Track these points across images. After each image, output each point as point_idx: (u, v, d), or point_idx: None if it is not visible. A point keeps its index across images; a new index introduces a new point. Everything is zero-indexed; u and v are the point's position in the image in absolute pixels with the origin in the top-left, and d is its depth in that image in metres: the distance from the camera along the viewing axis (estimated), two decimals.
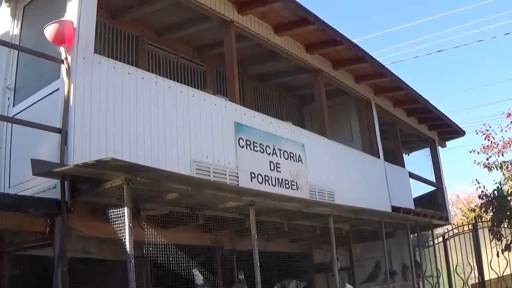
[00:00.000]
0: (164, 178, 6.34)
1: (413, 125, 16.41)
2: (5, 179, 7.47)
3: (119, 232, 5.85)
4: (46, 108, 6.93)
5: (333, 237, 9.21)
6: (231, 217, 8.15)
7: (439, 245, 18.07)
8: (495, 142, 16.89)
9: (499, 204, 15.57)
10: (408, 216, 13.04)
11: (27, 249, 7.31)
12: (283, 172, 9.50)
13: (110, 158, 5.42)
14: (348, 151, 12.26)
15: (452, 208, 28.54)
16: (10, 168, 7.43)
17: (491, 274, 18.07)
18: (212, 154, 8.21)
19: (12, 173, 7.36)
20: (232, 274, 9.12)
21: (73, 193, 6.48)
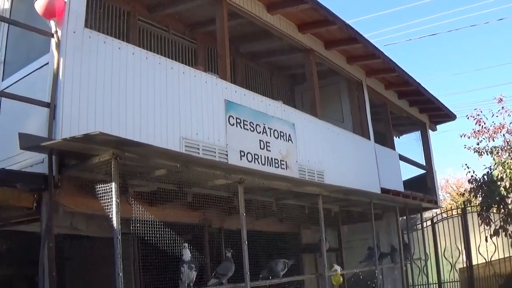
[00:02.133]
0: (153, 153, 6.28)
1: (404, 107, 16.39)
2: None
3: (106, 208, 5.82)
4: (35, 82, 6.87)
5: (321, 217, 9.20)
6: (219, 195, 8.14)
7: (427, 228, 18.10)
8: (486, 127, 16.91)
9: (488, 189, 15.58)
10: (397, 198, 13.05)
11: (14, 225, 7.28)
12: (273, 151, 9.47)
13: (98, 132, 5.36)
14: (338, 132, 12.22)
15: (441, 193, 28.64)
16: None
17: (479, 258, 18.15)
18: (201, 131, 8.16)
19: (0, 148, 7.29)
20: (219, 253, 9.13)
21: (61, 168, 6.45)
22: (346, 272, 11.21)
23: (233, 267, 7.59)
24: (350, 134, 12.94)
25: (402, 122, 18.00)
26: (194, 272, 6.97)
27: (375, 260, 11.14)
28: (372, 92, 14.30)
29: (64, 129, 6.26)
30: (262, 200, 9.05)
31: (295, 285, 10.09)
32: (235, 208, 7.98)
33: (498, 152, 16.33)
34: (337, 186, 9.67)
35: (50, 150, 6.16)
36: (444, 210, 20.37)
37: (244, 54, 13.22)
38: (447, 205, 26.95)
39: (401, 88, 15.29)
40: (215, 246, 9.32)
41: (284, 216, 10.49)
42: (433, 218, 19.44)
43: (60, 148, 5.97)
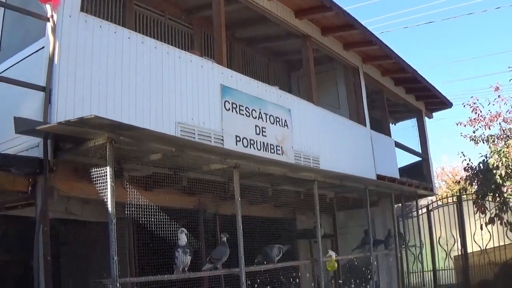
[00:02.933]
0: (148, 137, 6.28)
1: (400, 94, 16.36)
2: None
3: (101, 192, 5.82)
4: (31, 67, 6.84)
5: (317, 203, 9.21)
6: (215, 180, 8.13)
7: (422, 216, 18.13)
8: (482, 115, 16.92)
9: (484, 177, 15.59)
10: (393, 185, 13.06)
11: (9, 209, 7.26)
12: (269, 137, 9.46)
13: (93, 116, 5.36)
14: (334, 118, 12.21)
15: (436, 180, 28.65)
16: None
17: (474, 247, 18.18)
18: (197, 116, 8.14)
19: None
20: (215, 238, 9.13)
21: (56, 152, 6.46)
22: (341, 258, 11.22)
23: (228, 252, 7.61)
24: (346, 120, 12.92)
25: (398, 109, 17.99)
26: (189, 256, 6.97)
27: (370, 246, 11.16)
28: (368, 79, 14.28)
29: (59, 113, 6.24)
30: (257, 185, 9.04)
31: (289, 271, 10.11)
32: (231, 194, 7.98)
33: (494, 140, 16.36)
34: (333, 172, 9.68)
35: (45, 134, 6.16)
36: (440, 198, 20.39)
37: (241, 40, 13.18)
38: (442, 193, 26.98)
39: (397, 75, 15.26)
40: (210, 231, 9.33)
41: (279, 202, 10.50)
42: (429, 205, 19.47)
43: (55, 132, 5.97)
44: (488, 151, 16.08)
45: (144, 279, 6.76)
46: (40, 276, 6.32)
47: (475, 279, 17.38)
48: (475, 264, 17.55)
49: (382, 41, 12.96)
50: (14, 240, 9.21)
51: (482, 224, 16.11)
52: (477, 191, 16.01)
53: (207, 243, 8.92)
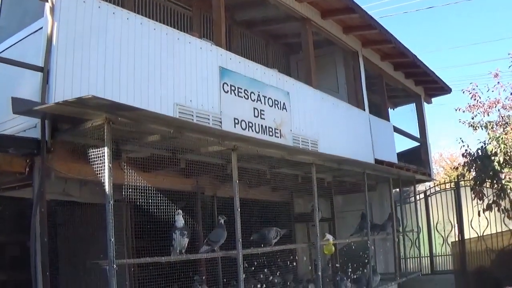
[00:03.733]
0: (146, 118, 6.24)
1: (399, 79, 16.32)
2: None
3: (98, 173, 5.80)
4: (29, 47, 6.80)
5: (315, 186, 9.20)
6: (213, 162, 8.12)
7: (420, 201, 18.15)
8: (481, 101, 16.92)
9: (482, 163, 15.61)
10: (391, 169, 13.06)
11: (6, 190, 7.25)
12: (267, 120, 9.43)
13: (91, 96, 5.33)
14: (333, 102, 12.16)
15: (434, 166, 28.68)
16: None
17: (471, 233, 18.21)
18: (195, 98, 8.11)
19: None
20: (212, 220, 9.13)
21: (54, 133, 6.44)
22: (339, 242, 11.24)
23: (225, 234, 7.61)
24: (345, 104, 12.88)
25: (397, 94, 17.96)
26: (186, 238, 6.98)
27: (367, 231, 11.17)
28: (368, 63, 14.22)
29: (57, 94, 6.21)
30: (255, 168, 9.03)
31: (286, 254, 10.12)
32: (228, 176, 7.96)
33: (493, 127, 16.36)
34: (331, 155, 9.66)
35: (43, 114, 6.14)
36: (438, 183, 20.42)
37: (240, 22, 13.12)
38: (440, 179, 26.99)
39: (397, 59, 15.21)
40: (207, 213, 9.33)
41: (277, 185, 10.50)
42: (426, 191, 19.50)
43: (53, 112, 5.94)
44: (486, 138, 16.09)
45: (141, 260, 6.75)
46: (36, 257, 6.32)
47: (472, 265, 17.40)
48: (472, 251, 17.57)
49: (382, 26, 12.92)
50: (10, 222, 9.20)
51: (480, 211, 16.14)
52: (475, 178, 16.05)
53: (204, 226, 8.93)
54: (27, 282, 6.72)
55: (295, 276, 10.59)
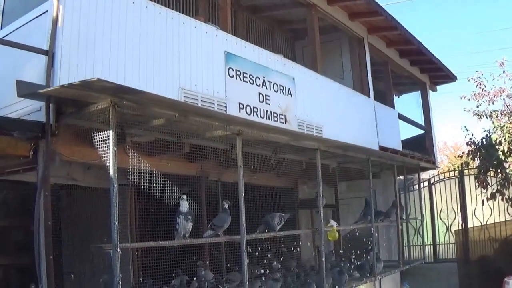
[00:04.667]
0: (151, 101, 6.22)
1: (405, 66, 16.25)
2: None
3: (103, 156, 5.79)
4: (34, 31, 6.77)
5: (319, 172, 9.18)
6: (217, 147, 8.10)
7: (424, 189, 18.15)
8: (486, 90, 16.88)
9: (486, 152, 15.55)
10: (396, 156, 13.02)
11: (10, 174, 7.25)
12: (272, 105, 9.41)
13: (96, 79, 5.30)
14: (338, 88, 12.13)
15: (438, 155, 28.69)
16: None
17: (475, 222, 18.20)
18: (201, 82, 8.08)
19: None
20: (216, 205, 9.13)
21: (58, 116, 6.43)
22: (342, 229, 11.23)
23: (229, 219, 7.60)
24: (350, 91, 12.84)
25: (403, 81, 17.91)
26: (190, 223, 6.97)
27: (371, 217, 11.16)
28: (373, 50, 14.16)
29: (62, 77, 6.21)
30: (260, 153, 9.01)
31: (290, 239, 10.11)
32: (233, 161, 7.95)
33: (498, 116, 16.31)
34: (336, 141, 9.63)
35: (47, 97, 6.13)
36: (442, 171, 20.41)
37: (246, 8, 13.06)
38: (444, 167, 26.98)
39: (402, 46, 15.15)
40: (211, 198, 9.33)
41: (281, 171, 10.48)
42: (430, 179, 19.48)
43: (58, 95, 5.92)
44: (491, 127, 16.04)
45: (145, 244, 6.75)
46: (40, 241, 6.33)
47: (474, 254, 17.40)
48: (475, 239, 17.57)
49: (387, 12, 12.85)
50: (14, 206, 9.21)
51: (484, 200, 16.11)
52: (479, 166, 15.99)
53: (208, 210, 8.93)
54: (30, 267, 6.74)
55: (299, 262, 10.59)
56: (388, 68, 15.44)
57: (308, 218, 12.68)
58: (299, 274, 9.63)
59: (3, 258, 9.29)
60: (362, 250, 11.53)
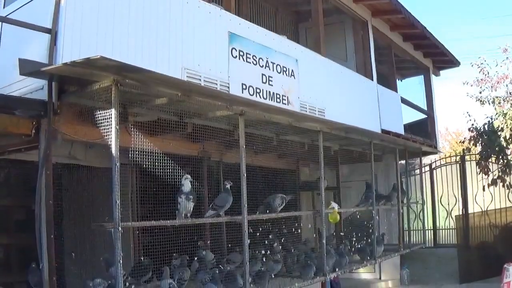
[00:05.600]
0: (154, 80, 6.18)
1: (408, 50, 16.19)
2: None
3: (105, 135, 5.77)
4: (37, 9, 6.74)
5: (321, 154, 9.16)
6: (220, 128, 8.07)
7: (425, 174, 18.16)
8: (489, 76, 16.83)
9: (488, 138, 15.54)
10: (398, 140, 12.98)
11: (12, 153, 7.24)
12: (275, 86, 9.38)
13: (99, 57, 5.26)
14: (341, 70, 12.10)
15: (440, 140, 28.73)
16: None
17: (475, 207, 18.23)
18: (204, 62, 8.06)
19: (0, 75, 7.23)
20: (218, 185, 9.13)
21: (60, 95, 6.42)
22: (344, 211, 11.22)
23: (231, 200, 7.59)
24: (353, 73, 12.81)
25: (406, 65, 17.85)
26: (192, 203, 6.96)
27: (373, 201, 11.16)
28: (377, 33, 14.12)
29: (65, 56, 6.18)
30: (262, 134, 8.99)
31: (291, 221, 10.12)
32: (235, 142, 7.94)
33: (500, 102, 16.27)
34: (338, 123, 9.57)
35: (50, 76, 6.11)
36: (443, 157, 20.43)
37: None
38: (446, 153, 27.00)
39: (406, 30, 15.09)
40: (213, 179, 9.32)
41: (283, 152, 10.47)
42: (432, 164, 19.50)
43: (60, 73, 5.90)
44: (493, 113, 16.02)
45: (146, 223, 6.74)
46: (41, 220, 6.34)
47: (475, 240, 17.44)
48: (475, 225, 17.60)
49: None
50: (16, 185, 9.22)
51: (485, 185, 16.12)
52: (480, 152, 15.99)
53: (210, 191, 8.93)
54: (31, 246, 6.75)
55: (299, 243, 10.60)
56: (392, 52, 15.39)
57: (309, 200, 12.69)
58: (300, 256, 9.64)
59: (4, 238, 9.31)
60: (363, 233, 11.53)
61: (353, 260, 10.94)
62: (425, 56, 17.32)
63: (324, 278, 9.44)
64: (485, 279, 16.16)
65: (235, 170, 7.66)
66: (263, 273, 7.96)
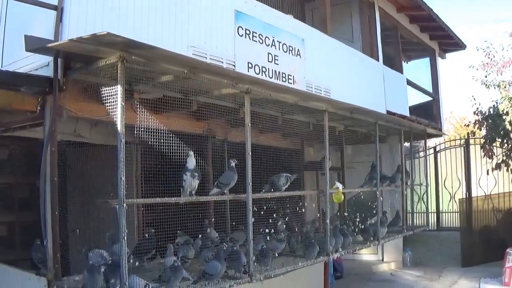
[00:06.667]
0: (160, 57, 6.16)
1: (414, 32, 16.10)
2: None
3: (111, 111, 5.76)
4: None
5: (326, 133, 9.15)
6: (225, 106, 8.06)
7: (429, 157, 18.17)
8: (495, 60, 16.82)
9: (493, 122, 15.56)
10: (403, 121, 12.95)
11: (17, 130, 7.25)
12: (281, 65, 9.34)
13: (106, 33, 5.23)
14: (347, 50, 12.05)
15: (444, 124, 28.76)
16: (3, 49, 7.31)
17: (479, 191, 18.27)
18: (210, 40, 8.02)
19: (5, 53, 7.25)
20: (223, 164, 9.13)
21: (66, 72, 6.40)
22: (348, 191, 11.23)
23: (235, 178, 7.58)
24: (359, 54, 12.76)
25: (412, 47, 17.79)
26: (197, 180, 6.96)
27: (377, 182, 11.16)
28: (383, 14, 14.03)
29: (70, 32, 6.14)
30: (267, 113, 8.97)
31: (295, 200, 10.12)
32: (240, 121, 7.93)
33: (506, 86, 16.27)
34: (344, 103, 9.54)
35: (56, 52, 6.08)
36: (448, 140, 20.44)
37: None
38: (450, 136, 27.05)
39: (413, 12, 15.00)
40: (218, 157, 9.32)
41: (288, 132, 10.47)
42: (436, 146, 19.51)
43: (66, 49, 5.86)
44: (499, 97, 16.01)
45: (151, 200, 6.73)
46: (46, 197, 6.35)
47: (478, 224, 17.51)
48: (478, 209, 17.69)
49: None
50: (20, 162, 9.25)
51: (488, 169, 16.14)
52: (485, 136, 16.01)
53: (214, 170, 8.93)
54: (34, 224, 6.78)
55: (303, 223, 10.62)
56: (398, 34, 15.32)
57: (314, 180, 12.70)
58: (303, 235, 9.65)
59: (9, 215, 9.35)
60: (367, 214, 11.55)
61: (356, 241, 10.96)
62: (431, 39, 17.23)
63: (327, 258, 9.48)
64: (487, 263, 16.26)
65: (240, 149, 7.65)
66: (266, 252, 7.97)
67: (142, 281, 6.14)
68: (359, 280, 15.56)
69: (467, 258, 16.65)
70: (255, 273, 7.48)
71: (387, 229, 11.57)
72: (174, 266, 6.54)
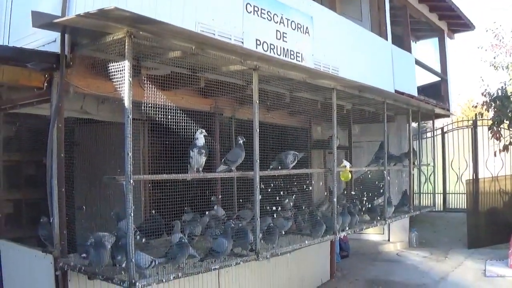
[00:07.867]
0: (168, 32, 6.10)
1: (423, 12, 15.99)
2: (4, 36, 7.42)
3: (118, 87, 5.73)
4: None
5: (334, 112, 9.10)
6: (233, 83, 8.02)
7: (436, 138, 18.10)
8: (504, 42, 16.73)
9: (501, 104, 15.47)
10: (411, 100, 12.87)
11: (23, 106, 7.24)
12: (289, 43, 9.29)
13: (113, 8, 5.19)
14: (356, 29, 11.98)
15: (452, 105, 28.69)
16: (10, 25, 7.35)
17: (486, 173, 18.21)
18: (218, 17, 7.97)
19: (12, 30, 7.30)
20: (230, 142, 9.11)
21: (73, 48, 6.38)
22: (355, 170, 11.20)
23: (243, 155, 7.56)
24: (368, 32, 12.71)
25: (421, 27, 17.67)
26: (204, 157, 6.95)
27: (384, 161, 11.13)
28: None
29: (78, 8, 6.15)
30: (275, 91, 8.93)
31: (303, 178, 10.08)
32: (248, 98, 7.90)
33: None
34: (352, 81, 9.47)
35: (63, 28, 6.07)
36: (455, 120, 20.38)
37: None
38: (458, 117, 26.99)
39: None
40: (225, 135, 9.30)
41: (296, 110, 10.43)
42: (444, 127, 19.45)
43: (74, 25, 5.82)
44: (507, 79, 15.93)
45: (157, 177, 6.71)
46: (52, 174, 6.36)
47: (484, 205, 17.44)
48: (485, 191, 17.61)
49: None
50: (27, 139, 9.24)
51: (496, 151, 16.08)
52: (493, 118, 15.92)
53: (222, 146, 8.91)
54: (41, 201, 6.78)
55: (310, 201, 10.60)
56: (407, 13, 15.20)
57: (321, 159, 12.67)
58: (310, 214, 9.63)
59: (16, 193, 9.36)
60: (374, 193, 11.52)
61: (363, 220, 10.94)
62: (440, 19, 17.13)
63: (334, 237, 9.45)
64: (493, 245, 16.22)
65: (248, 126, 7.61)
66: (273, 230, 7.96)
67: (149, 258, 6.13)
68: (365, 259, 15.55)
69: (473, 240, 16.60)
70: (261, 250, 7.47)
71: (394, 208, 11.55)
72: (181, 243, 6.53)
